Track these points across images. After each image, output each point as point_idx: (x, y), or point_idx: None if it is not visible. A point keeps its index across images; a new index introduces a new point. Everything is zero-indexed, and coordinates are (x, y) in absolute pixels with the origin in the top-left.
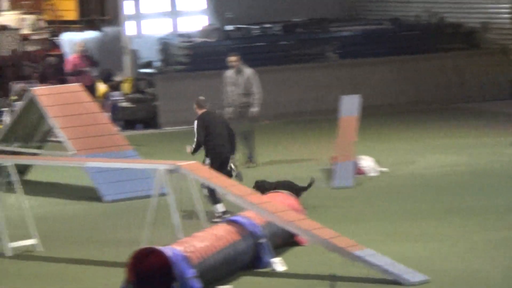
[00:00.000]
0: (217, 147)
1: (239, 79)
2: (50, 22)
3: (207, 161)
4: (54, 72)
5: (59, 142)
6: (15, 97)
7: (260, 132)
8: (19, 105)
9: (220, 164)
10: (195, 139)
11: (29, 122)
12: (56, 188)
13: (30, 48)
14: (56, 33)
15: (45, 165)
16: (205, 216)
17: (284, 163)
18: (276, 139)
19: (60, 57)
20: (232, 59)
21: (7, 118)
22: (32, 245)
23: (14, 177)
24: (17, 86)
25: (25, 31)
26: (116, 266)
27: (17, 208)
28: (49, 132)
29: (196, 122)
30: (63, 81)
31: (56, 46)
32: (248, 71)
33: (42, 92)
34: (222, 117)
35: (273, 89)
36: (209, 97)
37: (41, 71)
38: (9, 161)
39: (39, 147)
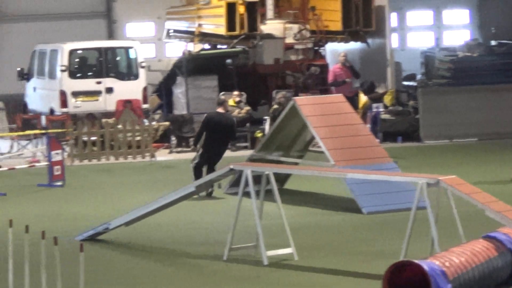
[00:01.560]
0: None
1: None
2: (313, 32)
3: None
4: (316, 82)
5: (319, 152)
6: (277, 106)
7: None
8: (280, 114)
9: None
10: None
11: (290, 131)
12: (314, 198)
13: (293, 57)
14: (319, 43)
15: (304, 175)
16: (462, 232)
17: None
18: None
19: (323, 67)
20: None
21: (268, 127)
22: (288, 254)
23: (273, 186)
24: (278, 95)
25: (289, 40)
26: (371, 278)
27: (275, 217)
28: (310, 142)
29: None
30: (324, 91)
31: (319, 56)
32: None
33: (304, 102)
34: (228, 121)
35: None
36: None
37: (303, 80)
38: (269, 169)
39: (299, 157)
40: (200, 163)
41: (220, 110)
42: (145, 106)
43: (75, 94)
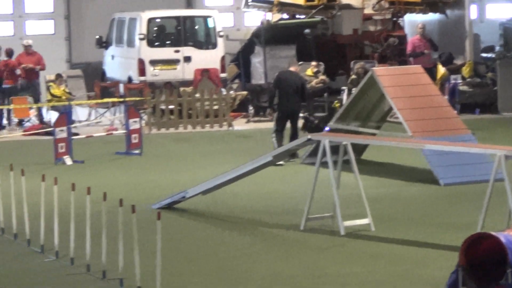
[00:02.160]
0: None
1: None
2: (392, 3)
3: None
4: (394, 53)
5: (397, 123)
6: (355, 77)
7: None
8: (358, 84)
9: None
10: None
11: (368, 102)
12: (391, 170)
13: (372, 28)
14: (398, 14)
15: (382, 145)
16: None
17: None
18: None
19: (402, 39)
20: None
21: (346, 97)
22: (365, 225)
23: (351, 156)
24: (357, 65)
25: (368, 11)
26: (447, 250)
27: (352, 187)
28: (388, 112)
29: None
30: (403, 62)
31: (398, 27)
32: None
33: (383, 73)
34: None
35: None
36: None
37: (381, 51)
38: (346, 140)
39: (377, 127)
40: (278, 129)
41: (291, 69)
42: (223, 75)
43: (153, 62)
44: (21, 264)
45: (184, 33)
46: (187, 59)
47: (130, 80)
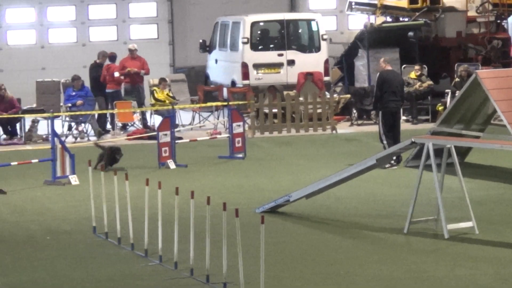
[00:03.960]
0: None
1: None
2: (496, 5)
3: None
4: (498, 55)
5: (501, 125)
6: (458, 79)
7: None
8: (462, 87)
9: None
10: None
11: (472, 104)
12: (495, 172)
13: (475, 30)
14: (502, 16)
15: (485, 148)
16: None
17: None
18: None
19: (505, 41)
20: None
21: (449, 100)
22: (469, 228)
23: (455, 159)
24: (460, 68)
25: (471, 13)
26: None
27: (456, 190)
28: (492, 115)
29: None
30: (506, 64)
31: (501, 29)
32: None
33: (487, 75)
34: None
35: None
36: None
37: (485, 54)
38: (450, 142)
39: (480, 130)
40: (387, 130)
41: (389, 67)
42: (326, 78)
43: (257, 66)
44: (125, 268)
45: (288, 36)
46: (291, 62)
47: (233, 84)
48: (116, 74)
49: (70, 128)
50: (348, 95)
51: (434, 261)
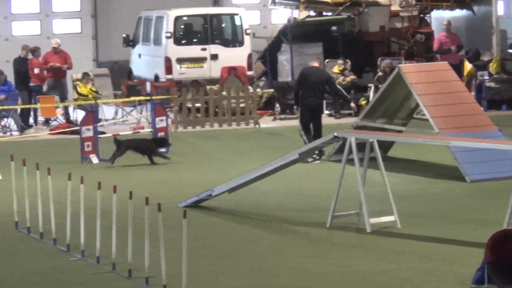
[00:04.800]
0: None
1: None
2: (419, 0)
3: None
4: (421, 49)
5: (424, 120)
6: (381, 74)
7: None
8: (385, 81)
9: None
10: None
11: (395, 98)
12: (418, 167)
13: (399, 24)
14: (425, 11)
15: (408, 142)
16: None
17: None
18: None
19: (429, 35)
20: None
21: (372, 94)
22: (391, 222)
23: (377, 153)
24: (383, 62)
25: (395, 8)
26: (474, 246)
27: (379, 184)
28: (415, 109)
29: None
30: (429, 59)
31: (424, 23)
32: None
33: (410, 69)
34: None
35: None
36: None
37: (408, 48)
38: (373, 137)
39: (403, 124)
40: (304, 126)
41: (315, 64)
42: (249, 73)
43: (180, 60)
44: (47, 263)
45: (211, 31)
46: (214, 57)
47: (157, 78)
48: (36, 70)
49: None
50: (271, 90)
51: (357, 255)
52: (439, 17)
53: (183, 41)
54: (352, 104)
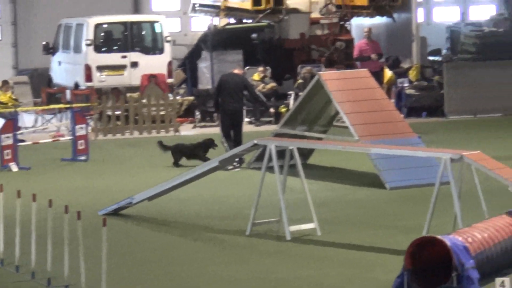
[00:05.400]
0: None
1: None
2: (339, 7)
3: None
4: (341, 57)
5: (344, 127)
6: (301, 81)
7: None
8: (305, 89)
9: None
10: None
11: (315, 106)
12: (338, 174)
13: (319, 32)
14: (345, 18)
15: (328, 149)
16: (485, 207)
17: None
18: None
19: (349, 42)
20: None
21: (292, 101)
22: (311, 229)
23: (297, 161)
24: (303, 69)
25: (315, 15)
26: (394, 253)
27: (299, 192)
28: (335, 117)
29: None
30: (350, 66)
31: (344, 30)
32: None
33: (330, 77)
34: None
35: None
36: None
37: (328, 55)
38: (292, 144)
39: (323, 132)
40: (225, 133)
41: (235, 71)
42: (170, 80)
43: (100, 68)
44: None
45: (131, 38)
46: (134, 64)
47: (77, 86)
48: None
49: None
50: (191, 97)
51: (277, 262)
52: (359, 24)
53: (103, 49)
54: (272, 110)
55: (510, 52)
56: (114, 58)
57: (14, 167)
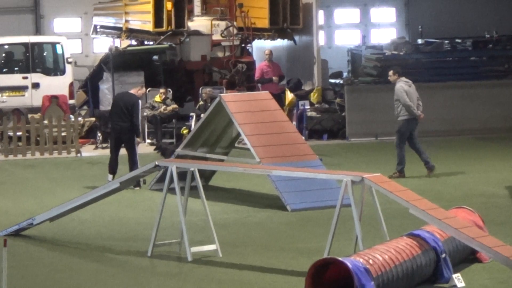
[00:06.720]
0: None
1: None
2: (241, 29)
3: None
4: (243, 79)
5: (245, 149)
6: (202, 103)
7: (444, 147)
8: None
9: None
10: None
11: (217, 128)
12: (239, 196)
13: (220, 54)
14: (246, 40)
15: (229, 171)
16: (386, 229)
17: (465, 176)
18: (461, 153)
19: (250, 65)
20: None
21: (194, 123)
22: (212, 251)
23: (198, 183)
24: (204, 91)
25: (216, 37)
26: (295, 275)
27: (200, 213)
28: (236, 138)
29: None
30: (251, 88)
31: (246, 53)
32: (397, 85)
33: (231, 99)
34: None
35: (460, 104)
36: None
37: (230, 77)
38: (194, 166)
39: (225, 153)
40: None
41: (131, 91)
42: (71, 101)
43: (1, 89)
44: None
45: (32, 59)
46: (36, 85)
47: None
48: None
49: None
50: (93, 118)
51: (178, 284)
52: (260, 46)
53: (4, 70)
54: (139, 140)
55: (410, 75)
56: (15, 79)
57: None
